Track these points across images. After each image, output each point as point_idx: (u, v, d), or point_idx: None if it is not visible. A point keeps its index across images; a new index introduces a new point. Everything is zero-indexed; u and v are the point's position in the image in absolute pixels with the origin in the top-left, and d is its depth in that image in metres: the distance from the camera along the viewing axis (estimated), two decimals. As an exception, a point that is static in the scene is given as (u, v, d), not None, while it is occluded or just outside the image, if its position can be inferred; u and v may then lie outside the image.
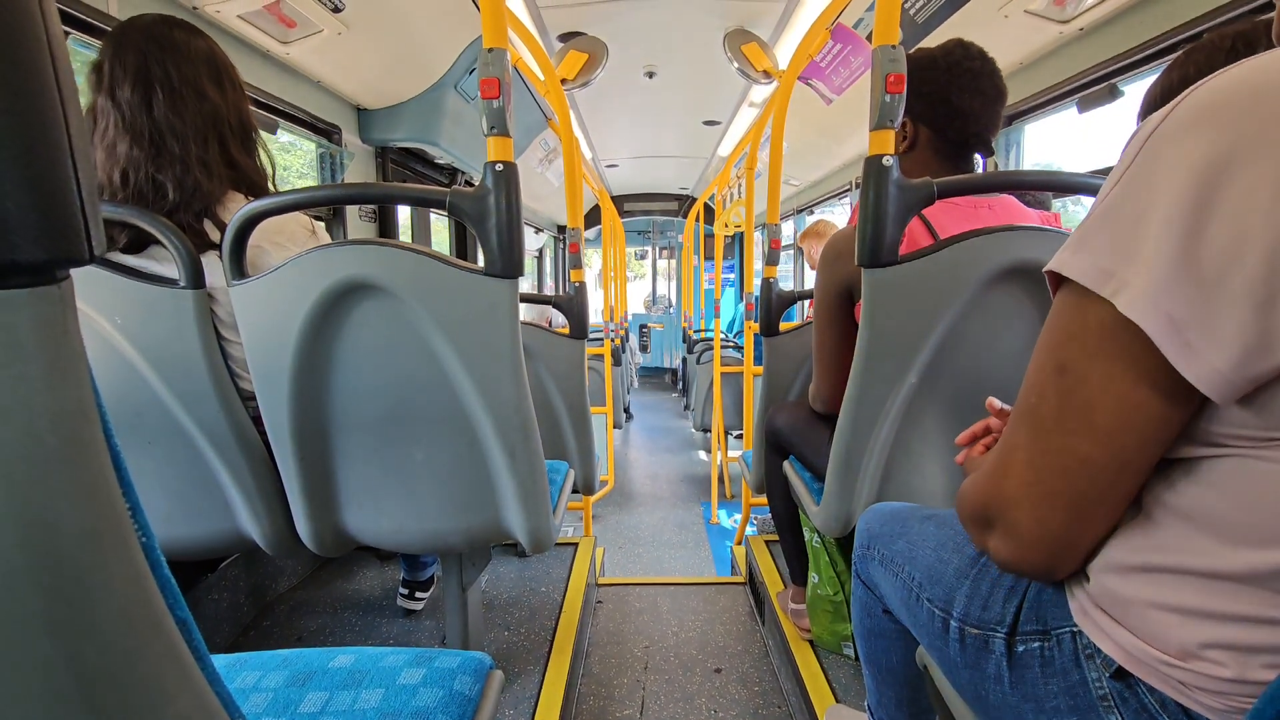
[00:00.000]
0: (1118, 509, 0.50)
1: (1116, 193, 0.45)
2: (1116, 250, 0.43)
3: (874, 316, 1.03)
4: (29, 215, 0.24)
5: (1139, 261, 0.42)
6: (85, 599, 0.27)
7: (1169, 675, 0.46)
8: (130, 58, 1.02)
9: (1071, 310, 0.47)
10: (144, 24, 1.04)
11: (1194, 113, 0.41)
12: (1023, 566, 0.55)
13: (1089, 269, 0.45)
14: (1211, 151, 0.39)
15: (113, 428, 0.29)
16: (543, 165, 4.68)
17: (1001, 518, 0.54)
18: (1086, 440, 0.47)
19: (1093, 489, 0.48)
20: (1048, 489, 0.50)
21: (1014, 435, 0.52)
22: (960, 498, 0.61)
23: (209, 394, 1.05)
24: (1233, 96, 0.40)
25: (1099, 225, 0.45)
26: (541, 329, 1.98)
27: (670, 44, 3.04)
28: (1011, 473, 0.52)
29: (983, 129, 1.13)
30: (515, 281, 0.98)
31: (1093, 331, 0.45)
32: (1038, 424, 0.50)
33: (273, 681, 0.72)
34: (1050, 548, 0.52)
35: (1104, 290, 0.43)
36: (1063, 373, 0.47)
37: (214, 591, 1.58)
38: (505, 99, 0.93)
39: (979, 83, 1.10)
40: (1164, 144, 0.42)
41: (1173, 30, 1.56)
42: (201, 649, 0.34)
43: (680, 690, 1.67)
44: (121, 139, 1.02)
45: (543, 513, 1.13)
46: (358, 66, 2.34)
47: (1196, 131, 0.40)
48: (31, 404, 0.25)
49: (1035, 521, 0.51)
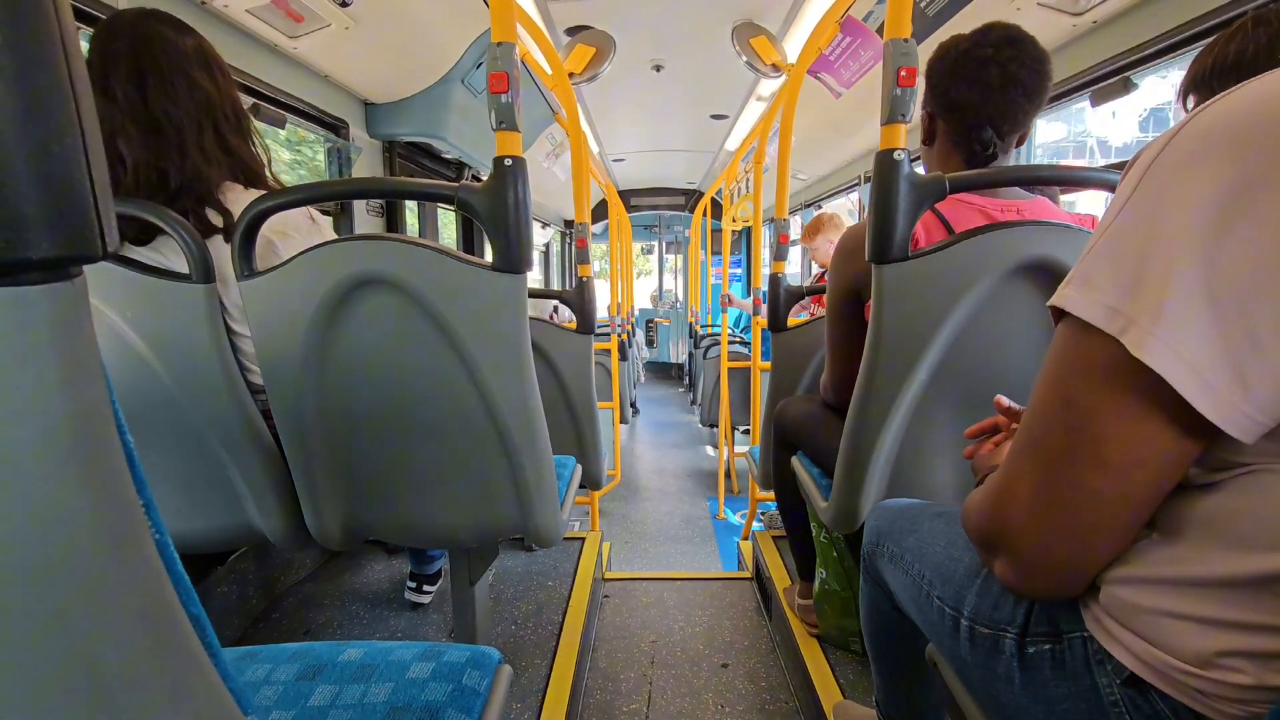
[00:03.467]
0: (1127, 538, 0.49)
1: (1119, 225, 0.43)
2: (1121, 286, 0.42)
3: (883, 313, 1.03)
4: (44, 213, 0.24)
5: (1145, 298, 0.40)
6: (102, 597, 0.27)
7: (1185, 684, 0.45)
8: (120, 49, 1.02)
9: (1076, 345, 0.46)
10: (129, 17, 1.05)
11: (1199, 141, 0.39)
12: (1030, 592, 0.54)
13: (1095, 307, 0.43)
14: (1221, 183, 0.38)
15: (126, 425, 0.29)
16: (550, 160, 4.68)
17: (1005, 546, 0.53)
18: (1096, 475, 0.45)
19: (1101, 521, 0.47)
20: (1054, 521, 0.48)
21: (1018, 465, 0.51)
22: (965, 516, 0.60)
23: (218, 388, 1.05)
24: (1241, 123, 0.38)
25: (1102, 259, 0.44)
26: (548, 324, 1.99)
27: (678, 37, 3.02)
28: (1016, 502, 0.51)
29: (986, 120, 1.05)
30: (523, 276, 0.98)
31: (1100, 368, 0.44)
32: (1044, 458, 0.48)
33: (283, 675, 0.72)
34: (1057, 575, 0.51)
35: (1111, 328, 0.42)
36: (1069, 407, 0.46)
37: (223, 584, 1.59)
38: (514, 94, 0.93)
39: (984, 71, 1.02)
40: (1167, 173, 0.41)
41: (1187, 24, 1.53)
42: (214, 645, 0.34)
43: (687, 685, 1.67)
44: (119, 130, 1.03)
45: (550, 507, 1.13)
46: (365, 61, 2.34)
47: (1203, 161, 0.39)
48: (48, 403, 0.25)
49: (1041, 552, 0.50)
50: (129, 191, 1.04)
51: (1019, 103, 1.04)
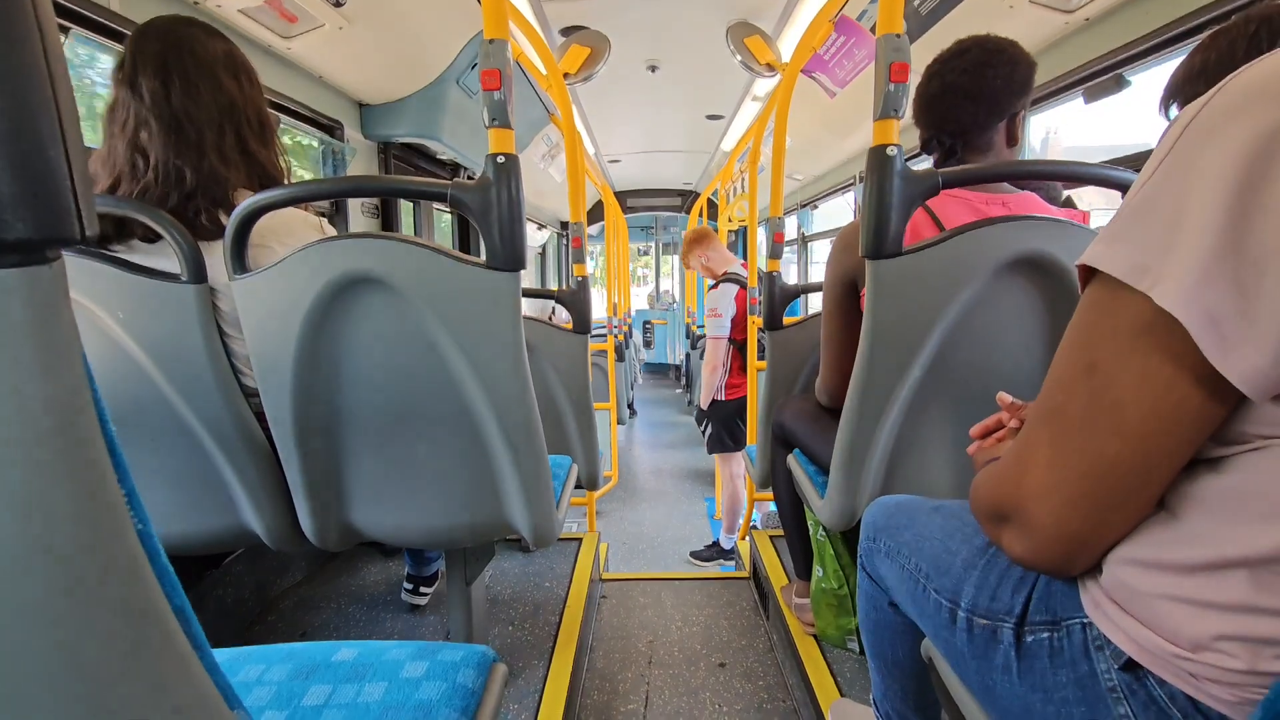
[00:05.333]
0: (1142, 510, 0.49)
1: (1152, 184, 0.43)
2: (1153, 243, 0.42)
3: (877, 308, 1.03)
4: (18, 194, 0.23)
5: (1177, 254, 0.40)
6: (81, 587, 0.27)
7: (1180, 667, 0.46)
8: (150, 50, 1.05)
9: (1104, 305, 0.46)
10: (165, 22, 1.08)
11: (1235, 99, 0.40)
12: (1037, 564, 0.54)
13: (1123, 262, 0.43)
14: (1255, 140, 0.38)
15: (108, 414, 0.29)
16: (545, 161, 4.67)
17: (1018, 515, 0.53)
18: (1116, 441, 0.45)
19: (1118, 491, 0.47)
20: (1071, 491, 0.48)
21: (1035, 433, 0.51)
22: (974, 491, 0.60)
23: (212, 389, 1.05)
24: (1273, 82, 0.38)
25: (1134, 217, 0.44)
26: (545, 324, 1.98)
27: (673, 38, 3.02)
28: (1031, 472, 0.51)
29: (961, 129, 1.11)
30: (517, 274, 0.98)
31: (1126, 327, 0.44)
32: (1064, 424, 0.48)
33: (276, 675, 0.72)
34: (1067, 547, 0.51)
35: (1141, 284, 0.42)
36: (1092, 371, 0.46)
37: (219, 587, 1.58)
38: (506, 91, 0.93)
39: (927, 84, 1.11)
40: (1203, 134, 0.41)
41: (1179, 20, 1.54)
42: (200, 638, 0.34)
43: (684, 685, 1.67)
44: (142, 127, 1.04)
45: (546, 508, 1.13)
46: (359, 62, 2.34)
47: (1238, 119, 0.39)
48: (25, 388, 0.25)
49: (1054, 522, 0.50)
50: (149, 187, 1.05)
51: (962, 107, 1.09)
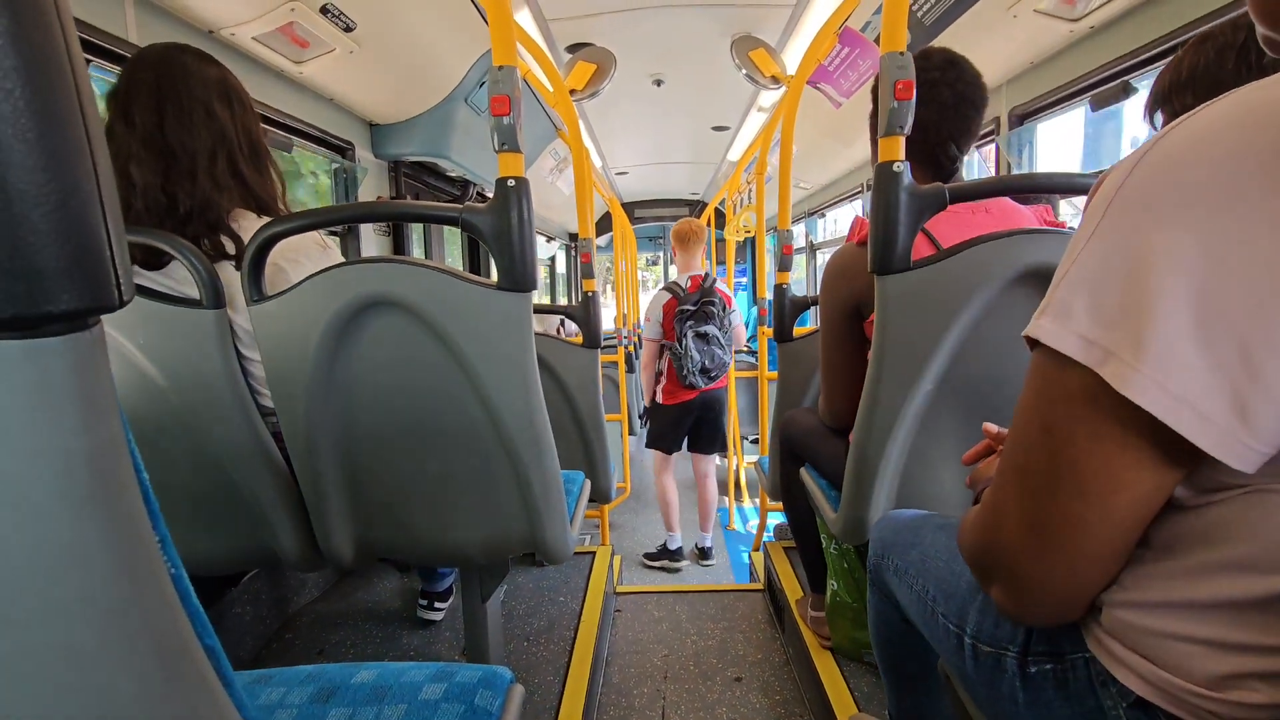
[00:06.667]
0: (1116, 563, 0.48)
1: (1087, 255, 0.43)
2: (1097, 316, 0.41)
3: (887, 323, 1.03)
4: (63, 266, 0.24)
5: (1124, 329, 0.39)
6: (117, 633, 0.28)
7: (1197, 705, 0.44)
8: (144, 80, 1.06)
9: (1053, 374, 0.45)
10: (158, 50, 1.09)
11: (1162, 170, 0.39)
12: (1027, 618, 0.53)
13: (1069, 337, 0.42)
14: (1198, 209, 0.37)
15: (141, 463, 0.30)
16: (553, 175, 4.70)
17: (1000, 571, 0.52)
18: (1078, 502, 0.44)
19: (1087, 547, 0.46)
20: (1043, 548, 0.47)
21: (1004, 490, 0.50)
22: (960, 539, 0.59)
23: (230, 411, 1.07)
24: (1203, 151, 0.38)
25: (1075, 288, 0.43)
26: (555, 339, 1.99)
27: (677, 52, 3.04)
28: (1005, 527, 0.50)
29: (946, 138, 1.13)
30: (528, 295, 0.99)
31: (1078, 397, 0.43)
32: (1028, 484, 0.48)
33: (297, 698, 0.73)
34: (1052, 601, 0.50)
35: (1088, 360, 0.41)
36: (1049, 433, 0.45)
37: (237, 605, 1.60)
38: (516, 115, 0.94)
39: (935, 92, 1.10)
40: (1138, 199, 0.40)
41: (1186, 26, 1.54)
42: (229, 675, 0.35)
43: (701, 699, 1.66)
44: (135, 156, 1.06)
45: (559, 523, 1.14)
46: (369, 83, 2.37)
47: (1175, 188, 0.38)
48: (66, 445, 0.26)
49: (1034, 578, 0.49)
50: (138, 214, 1.07)
51: (971, 117, 1.14)
